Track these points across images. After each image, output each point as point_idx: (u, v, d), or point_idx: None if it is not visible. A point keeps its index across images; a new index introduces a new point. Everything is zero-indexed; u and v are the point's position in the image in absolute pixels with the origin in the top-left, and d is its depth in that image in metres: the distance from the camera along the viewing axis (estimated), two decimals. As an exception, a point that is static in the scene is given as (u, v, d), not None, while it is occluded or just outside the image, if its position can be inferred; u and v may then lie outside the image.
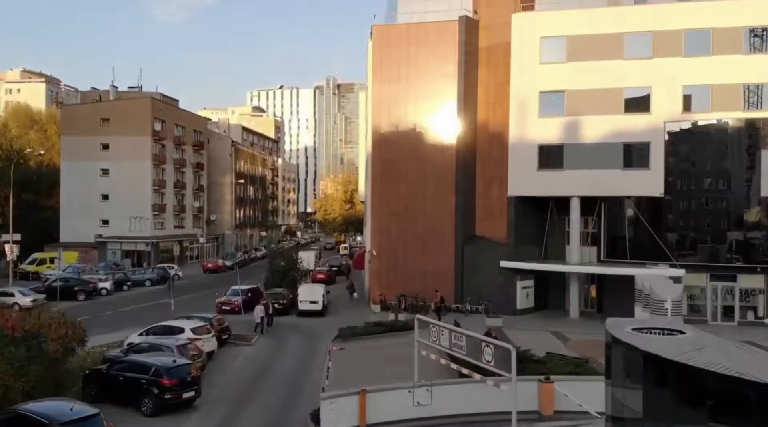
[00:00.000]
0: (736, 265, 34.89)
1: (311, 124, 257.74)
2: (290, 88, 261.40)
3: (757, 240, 34.64)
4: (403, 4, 41.88)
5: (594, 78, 36.77)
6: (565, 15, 37.65)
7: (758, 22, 34.86)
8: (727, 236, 35.27)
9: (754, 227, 34.67)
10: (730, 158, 35.25)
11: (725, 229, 35.29)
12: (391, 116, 40.17)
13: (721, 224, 35.37)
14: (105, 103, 72.22)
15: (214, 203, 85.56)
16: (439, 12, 39.61)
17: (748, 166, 34.69)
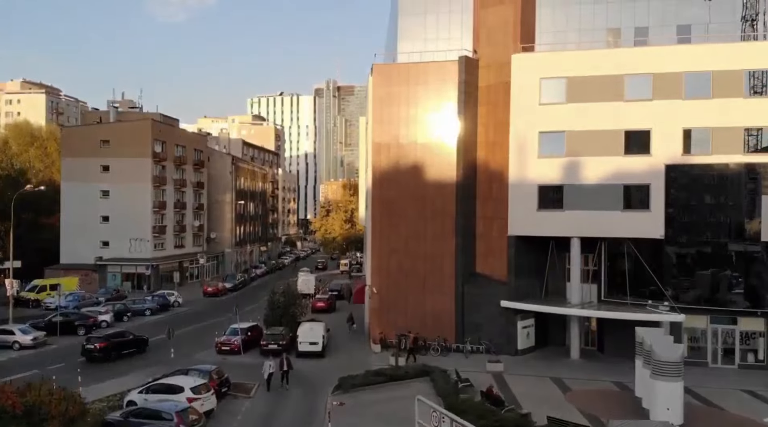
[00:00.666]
0: (737, 309, 34.89)
1: (311, 131, 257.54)
2: (290, 94, 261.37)
3: (758, 284, 34.61)
4: (404, 44, 41.97)
5: (594, 119, 36.79)
6: (564, 56, 37.67)
7: (758, 66, 34.85)
8: (727, 279, 35.26)
9: (754, 271, 34.64)
10: (731, 202, 35.22)
11: (726, 272, 35.27)
12: (391, 155, 40.16)
13: (722, 267, 35.33)
14: (105, 125, 72.24)
15: (214, 221, 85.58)
16: (439, 52, 39.67)
17: (749, 211, 34.66)
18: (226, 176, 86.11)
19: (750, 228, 34.55)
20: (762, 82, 35.01)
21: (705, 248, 35.60)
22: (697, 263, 35.77)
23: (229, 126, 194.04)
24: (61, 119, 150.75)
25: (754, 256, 34.48)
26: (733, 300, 35.08)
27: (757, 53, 34.90)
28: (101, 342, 36.16)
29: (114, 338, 37.11)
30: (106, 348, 35.98)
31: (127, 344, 37.89)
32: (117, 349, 36.71)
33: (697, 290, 35.67)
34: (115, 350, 36.52)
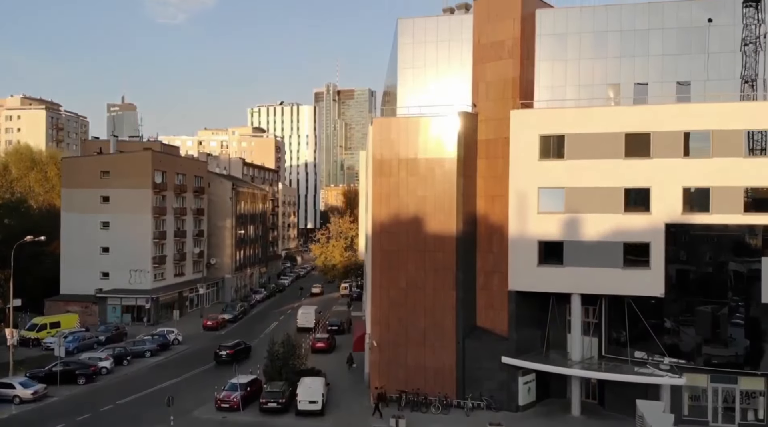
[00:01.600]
0: (737, 371, 34.87)
1: (311, 141, 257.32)
2: (290, 104, 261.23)
3: (758, 344, 34.58)
4: (403, 98, 41.98)
5: (593, 176, 36.80)
6: (563, 113, 37.67)
7: (758, 126, 34.85)
8: (728, 338, 35.23)
9: (755, 331, 34.60)
10: (732, 262, 35.16)
11: (726, 332, 35.24)
12: (391, 206, 40.16)
13: (722, 326, 35.31)
14: (106, 157, 72.25)
15: (214, 247, 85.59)
16: (438, 106, 39.71)
17: (749, 271, 34.63)
18: (227, 202, 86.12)
19: (750, 289, 34.51)
20: (762, 142, 35.01)
21: (705, 307, 35.57)
22: (697, 321, 35.72)
23: (229, 138, 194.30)
24: (62, 134, 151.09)
25: (755, 316, 34.44)
26: (734, 359, 35.03)
27: (757, 113, 34.88)
28: (229, 349, 50.90)
29: (237, 347, 51.97)
30: (232, 355, 50.20)
31: (243, 350, 52.42)
32: (238, 355, 50.73)
33: (697, 348, 35.63)
34: (237, 356, 50.23)
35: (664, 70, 38.23)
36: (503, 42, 38.99)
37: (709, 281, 35.45)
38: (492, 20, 39.47)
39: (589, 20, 39.40)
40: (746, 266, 34.76)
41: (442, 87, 41.72)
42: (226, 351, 50.32)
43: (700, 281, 35.64)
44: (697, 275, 35.73)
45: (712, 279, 35.34)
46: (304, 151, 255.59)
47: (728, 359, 35.08)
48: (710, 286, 35.39)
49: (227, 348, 50.76)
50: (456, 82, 41.39)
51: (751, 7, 36.08)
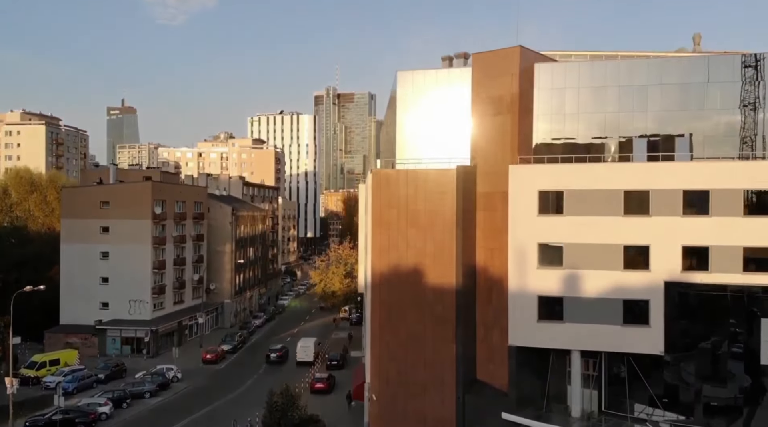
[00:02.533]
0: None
1: (311, 150, 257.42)
2: (290, 113, 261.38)
3: (757, 405, 34.57)
4: (402, 149, 42.06)
5: (593, 232, 36.79)
6: (562, 169, 37.67)
7: (757, 186, 34.89)
8: (727, 398, 35.21)
9: (754, 392, 34.59)
10: (731, 322, 35.18)
11: (726, 392, 35.23)
12: (390, 259, 40.19)
13: (722, 386, 35.30)
14: (105, 187, 72.30)
15: (214, 272, 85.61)
16: (436, 160, 39.79)
17: (749, 331, 34.64)
18: (226, 227, 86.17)
19: (750, 350, 34.52)
20: (761, 201, 35.02)
21: (705, 366, 35.57)
22: (697, 380, 35.72)
23: (229, 150, 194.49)
24: (61, 149, 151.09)
25: (755, 378, 34.43)
26: (733, 418, 35.04)
27: (756, 173, 34.90)
28: (278, 352, 66.72)
29: (282, 351, 67.14)
30: (281, 356, 66.40)
31: (285, 354, 67.26)
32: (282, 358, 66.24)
33: (697, 407, 35.63)
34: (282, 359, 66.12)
35: (663, 126, 38.26)
36: (502, 97, 39.02)
37: (709, 340, 35.44)
38: (490, 75, 39.49)
39: (588, 75, 39.44)
40: (745, 325, 34.76)
41: (441, 139, 41.82)
42: (275, 354, 66.67)
43: (700, 340, 35.63)
44: (697, 334, 35.72)
45: (712, 339, 35.32)
46: (304, 160, 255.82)
47: (728, 418, 35.08)
48: (710, 345, 35.38)
49: (276, 351, 67.11)
50: (455, 134, 41.45)
51: (751, 68, 36.13)
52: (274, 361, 65.01)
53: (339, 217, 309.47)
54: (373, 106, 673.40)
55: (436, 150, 41.03)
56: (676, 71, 38.23)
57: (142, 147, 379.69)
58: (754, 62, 36.58)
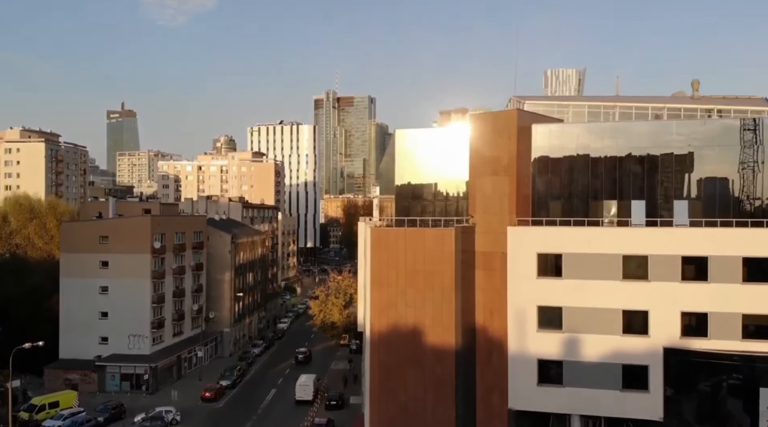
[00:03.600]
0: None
1: (311, 160, 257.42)
2: (290, 123, 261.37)
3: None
4: (401, 208, 42.02)
5: (592, 297, 36.82)
6: (561, 232, 37.70)
7: (755, 253, 34.87)
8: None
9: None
10: (731, 390, 35.15)
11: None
12: (390, 318, 40.14)
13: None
14: (105, 221, 72.24)
15: (213, 300, 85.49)
16: (436, 216, 39.77)
17: (748, 401, 34.59)
18: (225, 255, 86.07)
19: (749, 419, 34.46)
20: (759, 269, 34.99)
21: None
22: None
23: (229, 163, 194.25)
24: (61, 166, 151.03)
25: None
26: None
27: (755, 239, 34.91)
28: (303, 354, 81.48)
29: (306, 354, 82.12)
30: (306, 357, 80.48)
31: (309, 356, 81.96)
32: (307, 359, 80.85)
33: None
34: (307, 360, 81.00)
35: (661, 189, 38.23)
36: (499, 158, 39.02)
37: (709, 408, 35.42)
38: (488, 135, 39.49)
39: (585, 137, 39.41)
40: (745, 396, 34.71)
41: (440, 196, 41.77)
42: (301, 355, 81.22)
43: (700, 408, 35.59)
44: (696, 402, 35.70)
45: (711, 408, 35.31)
46: (303, 170, 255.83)
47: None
48: (710, 413, 35.36)
49: (302, 353, 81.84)
50: (453, 191, 41.43)
51: (750, 131, 36.11)
52: (301, 361, 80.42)
53: (339, 223, 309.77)
54: (373, 110, 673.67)
55: (435, 207, 40.99)
56: (676, 134, 38.16)
57: (142, 155, 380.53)
58: (753, 126, 36.55)
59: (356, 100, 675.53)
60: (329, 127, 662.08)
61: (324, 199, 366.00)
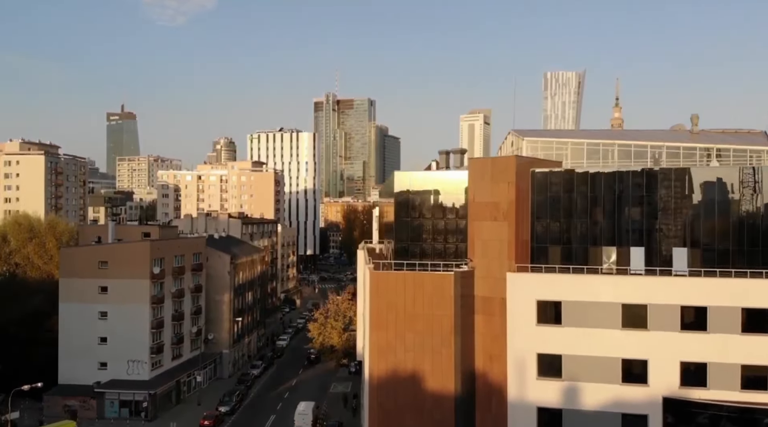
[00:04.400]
0: None
1: (311, 168, 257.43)
2: (290, 131, 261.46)
3: None
4: (401, 248, 42.03)
5: (591, 345, 36.82)
6: (560, 279, 37.69)
7: (755, 304, 34.87)
8: None
9: None
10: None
11: None
12: (388, 363, 40.15)
13: None
14: (104, 247, 72.15)
15: (212, 322, 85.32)
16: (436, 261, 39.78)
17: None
18: (225, 276, 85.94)
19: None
20: (758, 320, 34.97)
21: (703, 483, 35.54)
22: (695, 497, 35.68)
23: (228, 172, 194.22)
24: (61, 178, 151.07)
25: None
26: None
27: (753, 291, 34.90)
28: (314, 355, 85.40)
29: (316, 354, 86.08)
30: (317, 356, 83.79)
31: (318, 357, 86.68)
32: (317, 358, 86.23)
33: None
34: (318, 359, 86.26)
35: (660, 235, 38.20)
36: (498, 204, 39.03)
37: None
38: (487, 180, 39.52)
39: (585, 182, 39.39)
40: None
41: (440, 238, 41.78)
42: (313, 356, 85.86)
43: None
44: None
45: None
46: (303, 177, 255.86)
47: None
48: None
49: (312, 354, 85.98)
50: (452, 234, 41.44)
51: (748, 188, 36.12)
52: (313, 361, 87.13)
53: (339, 228, 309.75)
54: (373, 112, 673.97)
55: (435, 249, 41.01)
56: (674, 180, 38.16)
57: (142, 160, 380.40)
58: (752, 174, 36.55)
59: (356, 103, 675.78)
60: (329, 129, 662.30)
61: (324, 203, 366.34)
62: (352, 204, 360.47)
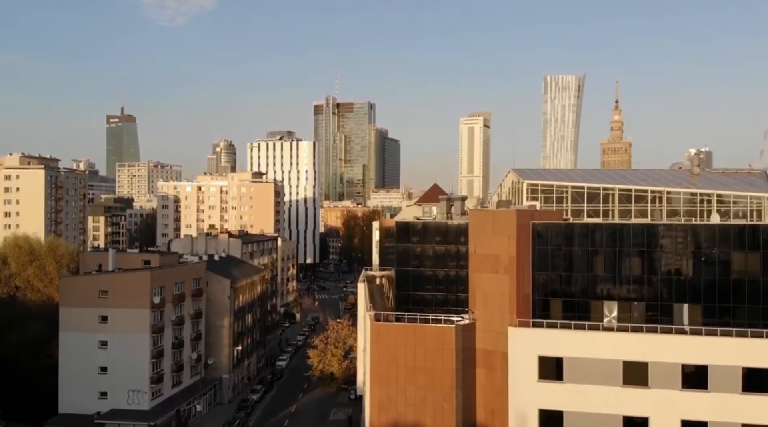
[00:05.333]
0: None
1: (311, 176, 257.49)
2: (290, 140, 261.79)
3: None
4: (402, 300, 42.06)
5: (593, 402, 36.82)
6: (561, 335, 37.70)
7: (756, 363, 34.88)
8: None
9: None
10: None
11: None
12: (389, 416, 40.16)
13: None
14: (104, 276, 72.11)
15: (212, 346, 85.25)
16: (437, 314, 39.79)
17: None
18: (225, 301, 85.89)
19: None
20: (759, 379, 34.97)
21: None
22: None
23: (229, 183, 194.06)
24: (61, 192, 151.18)
25: None
26: None
27: (754, 351, 34.91)
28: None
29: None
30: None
31: None
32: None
33: None
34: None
35: (661, 291, 38.21)
36: (499, 257, 39.04)
37: None
38: (487, 233, 39.54)
39: (586, 235, 39.41)
40: None
41: (441, 288, 41.78)
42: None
43: None
44: None
45: None
46: (303, 186, 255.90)
47: None
48: None
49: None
50: (453, 285, 41.45)
51: (749, 245, 36.14)
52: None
53: (338, 234, 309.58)
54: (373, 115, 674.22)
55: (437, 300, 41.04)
56: (676, 235, 38.16)
57: (142, 166, 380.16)
58: (753, 233, 36.57)
59: (356, 106, 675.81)
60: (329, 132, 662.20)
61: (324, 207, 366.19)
62: (351, 210, 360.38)
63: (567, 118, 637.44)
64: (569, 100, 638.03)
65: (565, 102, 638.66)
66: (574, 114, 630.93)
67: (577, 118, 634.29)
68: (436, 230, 41.80)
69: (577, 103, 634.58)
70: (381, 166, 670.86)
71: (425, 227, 42.14)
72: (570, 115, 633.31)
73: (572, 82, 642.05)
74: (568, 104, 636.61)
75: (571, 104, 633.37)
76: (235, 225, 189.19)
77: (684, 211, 45.47)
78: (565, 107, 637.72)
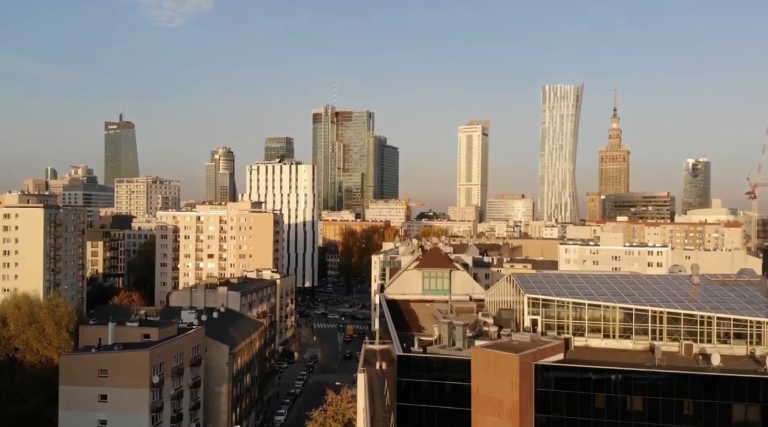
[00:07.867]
0: None
1: (309, 199, 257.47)
2: (289, 163, 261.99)
3: None
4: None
5: None
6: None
7: None
8: None
9: None
10: None
11: None
12: None
13: None
14: (103, 355, 72.07)
15: (210, 412, 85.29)
16: None
17: None
18: (223, 367, 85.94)
19: None
20: None
21: None
22: None
23: (228, 213, 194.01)
24: (60, 230, 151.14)
25: None
26: None
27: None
28: None
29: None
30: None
31: None
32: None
33: None
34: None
35: None
36: (502, 401, 39.03)
37: None
38: (490, 375, 39.52)
39: (588, 376, 39.47)
40: None
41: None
42: None
43: None
44: None
45: None
46: (302, 209, 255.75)
47: None
48: None
49: None
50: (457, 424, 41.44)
51: (749, 399, 36.23)
52: None
53: (337, 249, 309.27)
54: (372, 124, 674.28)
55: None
56: (677, 386, 38.21)
57: (140, 182, 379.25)
58: (755, 387, 36.64)
59: (355, 115, 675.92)
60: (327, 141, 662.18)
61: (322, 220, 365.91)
62: (350, 225, 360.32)
63: (565, 128, 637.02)
64: (567, 110, 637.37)
65: (564, 112, 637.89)
66: (573, 124, 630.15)
67: (576, 128, 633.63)
68: (440, 365, 41.74)
69: (576, 112, 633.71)
70: (380, 174, 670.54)
71: (428, 362, 42.05)
72: (568, 124, 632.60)
73: (570, 91, 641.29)
74: (566, 114, 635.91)
75: (570, 114, 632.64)
76: (234, 254, 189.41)
77: (684, 332, 45.58)
78: (564, 117, 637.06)
